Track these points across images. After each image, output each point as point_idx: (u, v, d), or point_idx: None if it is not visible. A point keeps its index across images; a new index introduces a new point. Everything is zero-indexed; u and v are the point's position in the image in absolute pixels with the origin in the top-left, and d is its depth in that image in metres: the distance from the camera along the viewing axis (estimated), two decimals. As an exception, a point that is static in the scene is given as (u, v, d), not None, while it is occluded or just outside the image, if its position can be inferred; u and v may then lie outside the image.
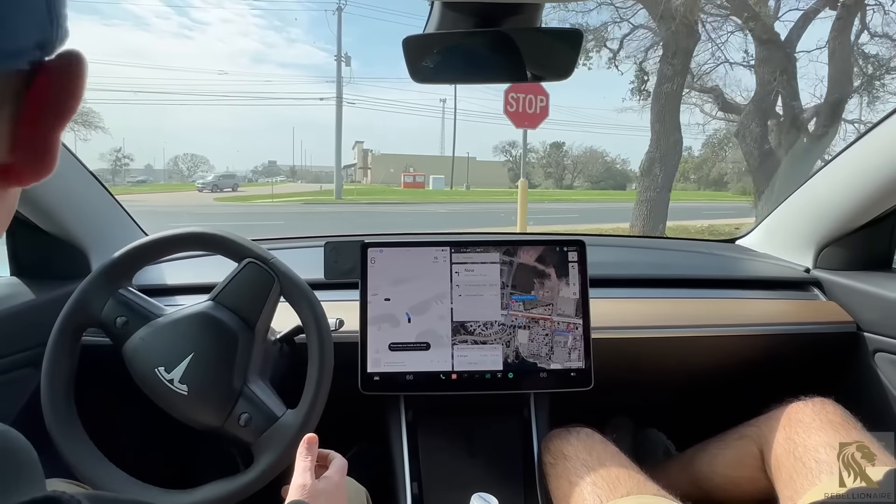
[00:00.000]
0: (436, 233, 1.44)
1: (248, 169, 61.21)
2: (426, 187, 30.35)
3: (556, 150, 42.10)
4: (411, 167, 38.54)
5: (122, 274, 0.78)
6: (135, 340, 0.74)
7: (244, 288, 0.76)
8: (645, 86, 7.59)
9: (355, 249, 0.92)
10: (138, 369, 0.73)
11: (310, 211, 14.96)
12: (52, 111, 0.24)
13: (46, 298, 0.91)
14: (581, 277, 0.93)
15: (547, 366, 0.90)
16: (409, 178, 31.28)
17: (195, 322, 0.74)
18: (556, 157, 41.99)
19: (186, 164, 54.27)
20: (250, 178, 53.34)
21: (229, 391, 0.73)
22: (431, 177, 31.56)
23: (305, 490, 0.61)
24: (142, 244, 0.78)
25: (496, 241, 0.94)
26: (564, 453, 0.82)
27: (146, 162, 56.15)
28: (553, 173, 42.04)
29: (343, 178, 26.52)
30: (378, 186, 34.06)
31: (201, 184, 27.43)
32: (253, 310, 0.76)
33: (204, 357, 0.73)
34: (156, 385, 0.72)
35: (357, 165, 48.56)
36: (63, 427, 0.72)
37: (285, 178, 50.85)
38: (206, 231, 0.78)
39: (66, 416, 0.73)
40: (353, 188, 29.68)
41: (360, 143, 49.89)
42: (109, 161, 43.79)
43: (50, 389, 0.73)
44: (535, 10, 0.65)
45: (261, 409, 0.73)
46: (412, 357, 0.90)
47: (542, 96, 5.84)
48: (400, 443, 0.92)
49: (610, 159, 41.89)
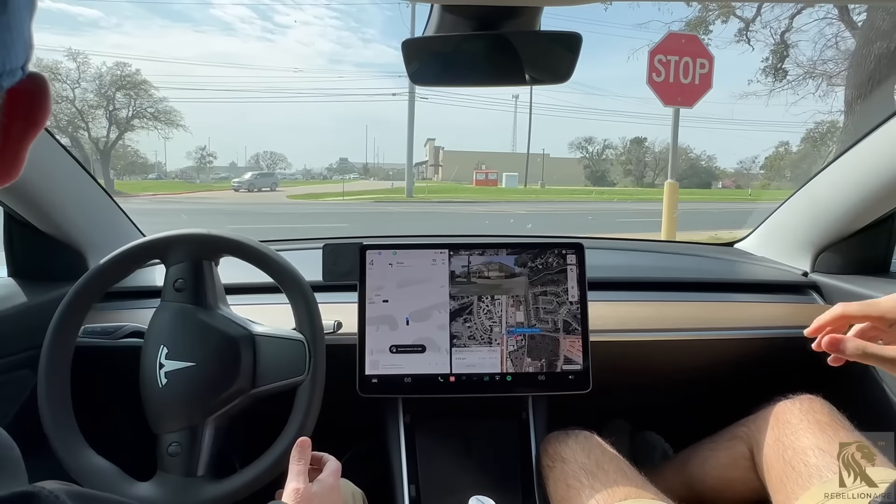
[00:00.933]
0: (434, 235, 1.44)
1: (323, 166, 62.63)
2: (499, 185, 29.68)
3: (636, 147, 40.12)
4: (483, 164, 37.71)
5: (119, 273, 0.78)
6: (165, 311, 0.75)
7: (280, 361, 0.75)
8: (783, 63, 5.74)
9: (353, 251, 0.92)
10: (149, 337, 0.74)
11: (379, 211, 14.30)
12: (25, 123, 0.27)
13: (43, 300, 0.91)
14: (579, 280, 0.93)
15: (545, 368, 0.90)
16: (482, 176, 30.71)
17: (226, 341, 0.74)
18: (637, 153, 39.87)
19: (266, 162, 55.12)
20: (325, 175, 54.25)
21: (192, 415, 0.72)
22: (504, 174, 30.82)
23: (299, 494, 0.60)
24: (140, 244, 0.78)
25: (494, 244, 0.94)
26: (563, 456, 0.82)
27: (230, 160, 57.19)
28: (633, 171, 40.02)
29: (414, 175, 25.77)
30: (449, 184, 33.36)
31: (237, 182, 25.34)
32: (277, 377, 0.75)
33: (202, 373, 0.72)
34: (147, 358, 0.73)
35: (428, 163, 48.37)
36: (59, 427, 0.72)
37: (358, 175, 51.07)
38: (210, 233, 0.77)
39: (63, 416, 0.73)
40: (425, 186, 29.05)
41: (431, 141, 49.89)
42: (195, 159, 44.81)
43: (47, 389, 0.72)
44: (535, 13, 0.65)
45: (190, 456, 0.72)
46: (410, 359, 0.90)
47: (703, 59, 4.21)
48: (398, 445, 0.92)
49: (694, 156, 39.49)
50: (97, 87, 22.20)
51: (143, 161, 36.44)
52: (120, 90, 22.52)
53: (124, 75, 22.74)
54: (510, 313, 0.91)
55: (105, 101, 22.35)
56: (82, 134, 21.74)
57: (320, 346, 0.75)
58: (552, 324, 0.91)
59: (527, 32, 0.68)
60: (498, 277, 0.92)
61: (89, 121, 21.99)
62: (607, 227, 10.16)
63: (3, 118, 0.26)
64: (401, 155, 61.60)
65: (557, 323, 0.91)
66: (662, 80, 4.19)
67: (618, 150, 41.90)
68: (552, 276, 0.93)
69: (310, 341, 0.75)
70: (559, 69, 0.72)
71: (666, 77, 4.19)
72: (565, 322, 0.91)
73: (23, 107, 0.27)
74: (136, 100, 22.93)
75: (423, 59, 0.72)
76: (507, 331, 0.91)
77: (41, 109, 0.28)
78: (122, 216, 1.12)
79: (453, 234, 1.61)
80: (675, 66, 4.16)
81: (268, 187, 24.16)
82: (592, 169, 42.84)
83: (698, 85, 4.23)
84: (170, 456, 0.71)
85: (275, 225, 10.00)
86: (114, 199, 1.10)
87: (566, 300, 0.92)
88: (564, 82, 0.72)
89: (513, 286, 0.92)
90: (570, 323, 0.91)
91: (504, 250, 0.93)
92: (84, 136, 21.70)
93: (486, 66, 0.73)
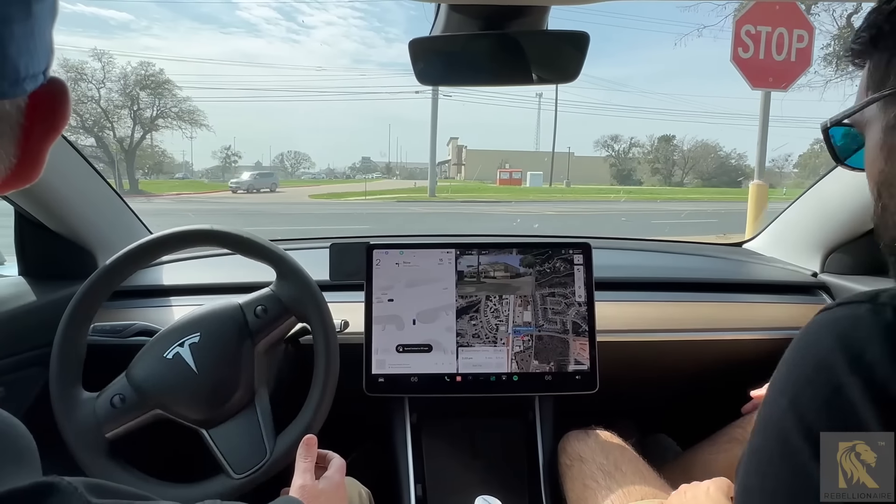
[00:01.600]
0: (440, 234, 1.44)
1: (346, 166, 63.08)
2: (523, 184, 29.27)
3: (665, 144, 39.13)
4: (507, 163, 37.02)
5: (128, 271, 0.79)
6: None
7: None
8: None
9: (360, 251, 0.92)
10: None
11: (402, 211, 14.01)
12: (46, 126, 0.28)
13: (54, 298, 0.92)
14: (587, 280, 0.92)
15: (552, 369, 0.90)
16: (506, 175, 30.11)
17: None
18: (666, 151, 38.90)
19: (290, 161, 55.66)
20: (348, 174, 54.65)
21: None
22: (529, 173, 30.35)
23: (305, 491, 0.61)
24: (158, 237, 0.79)
25: (501, 244, 0.93)
26: (581, 455, 0.82)
27: (255, 159, 57.68)
28: (661, 169, 38.97)
29: (437, 174, 25.26)
30: (472, 183, 32.95)
31: (235, 183, 23.43)
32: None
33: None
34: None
35: (451, 162, 48.17)
36: (70, 417, 0.73)
37: (381, 174, 51.30)
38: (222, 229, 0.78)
39: (74, 404, 0.73)
40: (448, 185, 28.80)
41: (454, 140, 49.83)
42: (220, 158, 45.33)
43: (58, 378, 0.73)
44: (542, 12, 0.65)
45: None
46: (417, 359, 0.90)
47: (801, 30, 3.42)
48: (404, 444, 0.92)
49: (724, 154, 38.50)
50: (122, 86, 22.55)
51: (171, 161, 36.71)
52: (144, 89, 22.79)
53: (148, 75, 22.99)
54: (517, 313, 0.91)
55: (129, 101, 22.64)
56: (107, 134, 22.03)
57: (333, 345, 0.76)
58: (561, 325, 0.91)
59: (534, 32, 0.68)
60: (505, 277, 0.92)
61: (114, 121, 22.30)
62: (644, 229, 9.51)
63: (25, 121, 0.27)
64: (423, 154, 61.72)
65: (566, 324, 0.91)
66: (751, 55, 3.39)
67: (644, 148, 41.02)
68: (560, 279, 0.92)
69: (321, 341, 0.75)
70: (567, 68, 0.71)
71: (755, 52, 3.39)
72: (574, 323, 0.91)
73: (44, 110, 0.27)
74: (161, 99, 23.23)
75: (429, 58, 0.72)
76: (513, 330, 0.91)
77: (61, 113, 0.29)
78: (132, 216, 1.14)
79: (460, 234, 1.61)
80: (766, 40, 3.38)
81: (267, 188, 22.83)
82: (618, 167, 42.03)
83: (794, 62, 3.45)
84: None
85: (289, 227, 9.91)
86: (123, 200, 1.11)
87: (574, 301, 0.92)
88: (572, 81, 0.72)
89: (520, 286, 0.92)
90: (580, 324, 0.91)
91: (511, 250, 0.93)
92: (109, 135, 21.98)
93: (492, 66, 0.73)
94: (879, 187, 0.38)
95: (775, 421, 0.29)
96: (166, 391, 0.72)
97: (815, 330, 0.30)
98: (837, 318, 0.29)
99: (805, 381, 0.28)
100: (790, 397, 0.28)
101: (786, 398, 0.28)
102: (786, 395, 0.28)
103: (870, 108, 0.38)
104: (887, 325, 0.26)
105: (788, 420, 0.28)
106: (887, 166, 0.37)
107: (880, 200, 0.38)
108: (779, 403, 0.29)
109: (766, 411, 0.30)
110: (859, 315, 0.28)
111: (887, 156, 0.37)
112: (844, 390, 0.26)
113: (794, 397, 0.28)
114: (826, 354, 0.27)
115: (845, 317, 0.28)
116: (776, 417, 0.29)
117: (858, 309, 0.28)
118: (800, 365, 0.29)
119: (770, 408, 0.30)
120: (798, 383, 0.28)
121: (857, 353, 0.26)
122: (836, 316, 0.29)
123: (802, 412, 0.27)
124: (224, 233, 0.78)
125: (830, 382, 0.26)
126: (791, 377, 0.29)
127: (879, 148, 0.37)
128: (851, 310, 0.28)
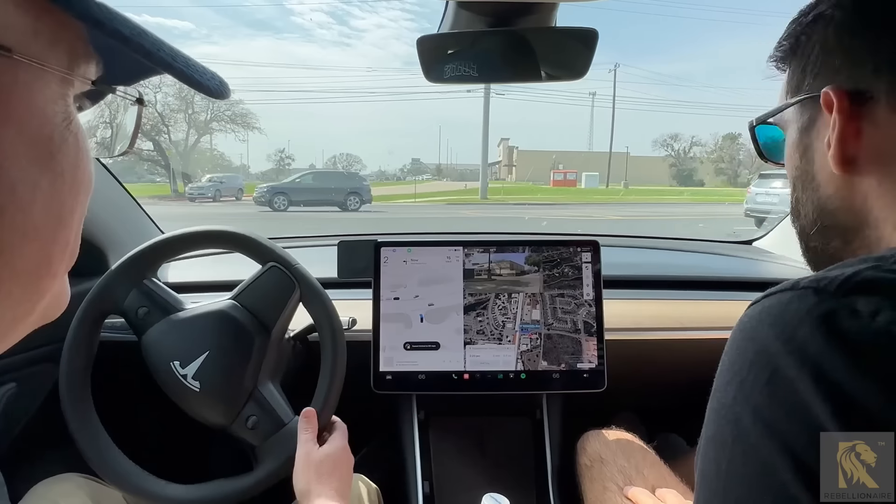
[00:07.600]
0: (448, 232, 1.44)
1: (397, 168, 62.98)
2: (578, 185, 28.39)
3: (729, 143, 37.28)
4: (560, 164, 36.12)
5: (148, 265, 0.80)
6: (153, 333, 0.76)
7: (265, 290, 0.77)
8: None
9: (368, 248, 0.92)
10: (154, 361, 0.75)
11: (452, 215, 13.07)
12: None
13: None
14: (595, 278, 0.92)
15: (560, 367, 0.90)
16: (560, 176, 29.30)
17: (214, 320, 0.75)
18: (730, 150, 37.10)
19: (342, 163, 55.63)
20: (398, 176, 54.69)
21: (240, 392, 0.74)
22: (584, 174, 29.46)
23: (310, 458, 0.64)
24: (169, 237, 0.80)
25: (509, 242, 0.93)
26: (602, 457, 0.81)
27: (309, 161, 57.39)
28: (725, 169, 37.30)
29: (487, 175, 24.21)
30: (524, 185, 31.88)
31: (192, 189, 17.70)
32: (271, 313, 0.77)
33: (219, 356, 0.74)
34: (169, 378, 0.74)
35: (502, 163, 47.55)
36: (79, 414, 0.74)
37: (431, 176, 51.12)
38: (231, 230, 0.79)
39: (83, 402, 0.75)
40: (500, 186, 27.84)
41: (505, 140, 49.22)
42: (274, 161, 45.69)
43: (68, 375, 0.74)
44: (550, 9, 0.65)
45: (269, 414, 0.74)
46: (424, 356, 0.90)
47: None
48: (412, 442, 0.92)
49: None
50: (177, 90, 22.82)
51: (228, 163, 37.00)
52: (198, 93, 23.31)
53: (203, 78, 23.47)
54: (526, 311, 0.91)
55: (185, 105, 22.98)
56: (164, 138, 22.33)
57: (340, 340, 0.77)
58: (571, 324, 0.91)
59: (542, 29, 0.68)
60: (513, 275, 0.92)
61: (170, 124, 22.62)
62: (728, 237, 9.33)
63: None
64: (473, 155, 61.02)
65: (577, 323, 0.91)
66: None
67: (707, 147, 39.32)
68: (569, 281, 0.92)
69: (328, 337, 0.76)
70: (575, 65, 0.71)
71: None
72: (585, 323, 0.91)
73: None
74: (214, 103, 23.42)
75: (437, 56, 0.72)
76: (520, 328, 0.91)
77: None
78: (143, 215, 1.15)
79: (468, 232, 1.61)
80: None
81: (232, 195, 17.96)
82: (678, 168, 40.49)
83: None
84: (250, 429, 0.74)
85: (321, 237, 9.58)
86: (135, 199, 1.12)
87: (584, 301, 0.91)
88: (580, 78, 0.72)
89: (529, 284, 0.92)
90: (591, 324, 0.91)
91: (520, 248, 0.93)
92: (165, 140, 22.29)
93: (501, 63, 0.73)
94: (795, 181, 0.43)
95: (727, 406, 0.31)
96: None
97: (750, 321, 0.32)
98: (768, 307, 0.31)
99: (748, 365, 0.30)
100: (737, 384, 0.30)
101: (733, 386, 0.31)
102: (732, 383, 0.31)
103: (788, 110, 0.43)
104: (810, 307, 0.28)
105: (739, 404, 0.30)
106: (802, 163, 0.42)
107: (795, 192, 0.43)
108: (726, 390, 0.31)
109: (717, 398, 0.32)
110: (785, 301, 0.30)
111: (802, 153, 0.41)
112: (783, 371, 0.28)
113: (740, 383, 0.30)
114: (763, 339, 0.30)
115: (773, 305, 0.31)
116: (727, 402, 0.31)
117: (784, 296, 0.30)
118: (742, 353, 0.31)
119: (720, 394, 0.32)
120: (742, 370, 0.30)
121: (790, 335, 0.28)
122: (765, 305, 0.31)
123: (748, 393, 0.29)
124: (232, 233, 0.79)
125: (770, 364, 0.29)
126: (735, 366, 0.31)
127: (796, 146, 0.42)
128: (777, 298, 0.31)
